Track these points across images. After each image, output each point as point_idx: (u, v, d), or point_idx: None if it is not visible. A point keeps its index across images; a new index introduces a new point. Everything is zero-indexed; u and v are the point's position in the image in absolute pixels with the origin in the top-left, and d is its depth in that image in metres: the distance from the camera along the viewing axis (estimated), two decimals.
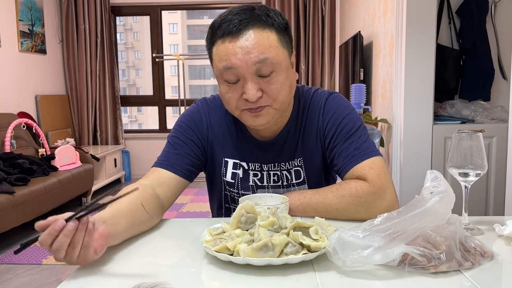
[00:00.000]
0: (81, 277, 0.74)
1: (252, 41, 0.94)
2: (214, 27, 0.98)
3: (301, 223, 0.79)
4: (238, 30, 0.94)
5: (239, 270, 0.73)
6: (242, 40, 0.94)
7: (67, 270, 2.57)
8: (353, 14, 4.24)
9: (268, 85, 0.97)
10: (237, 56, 0.94)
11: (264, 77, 0.96)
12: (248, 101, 0.97)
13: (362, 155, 1.04)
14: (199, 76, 12.40)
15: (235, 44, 0.94)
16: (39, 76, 4.66)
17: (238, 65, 0.94)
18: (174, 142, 1.12)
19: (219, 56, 0.97)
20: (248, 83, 0.96)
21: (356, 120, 1.09)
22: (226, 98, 1.01)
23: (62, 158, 3.85)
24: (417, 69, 2.65)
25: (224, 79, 0.98)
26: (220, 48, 0.97)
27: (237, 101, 0.99)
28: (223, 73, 0.97)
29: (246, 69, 0.95)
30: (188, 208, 4.01)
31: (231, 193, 1.16)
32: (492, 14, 2.87)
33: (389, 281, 0.69)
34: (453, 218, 0.75)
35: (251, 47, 0.94)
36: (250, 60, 0.94)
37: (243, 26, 0.95)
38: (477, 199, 2.67)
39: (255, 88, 0.96)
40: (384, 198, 0.99)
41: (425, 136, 2.68)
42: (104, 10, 5.02)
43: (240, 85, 0.97)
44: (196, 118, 1.14)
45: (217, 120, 1.14)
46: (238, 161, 1.13)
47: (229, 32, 0.95)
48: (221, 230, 0.83)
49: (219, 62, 0.97)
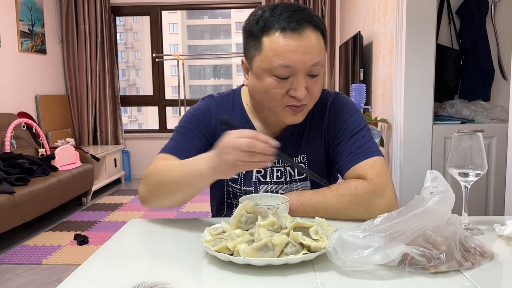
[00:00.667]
0: (81, 277, 0.74)
1: (311, 42, 0.96)
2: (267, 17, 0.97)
3: (301, 223, 0.79)
4: (300, 28, 0.95)
5: (239, 270, 0.73)
6: (303, 40, 0.95)
7: (67, 270, 2.57)
8: (353, 14, 4.24)
9: (313, 86, 1.00)
10: (295, 54, 0.95)
11: (312, 78, 0.99)
12: (295, 98, 0.99)
13: (364, 154, 1.05)
14: (199, 76, 12.40)
15: (296, 42, 0.95)
16: (39, 76, 4.66)
17: (296, 65, 0.96)
18: (183, 131, 1.11)
19: (276, 50, 0.96)
20: (300, 81, 0.97)
21: (360, 121, 1.11)
22: (272, 94, 1.00)
23: (62, 158, 3.85)
24: (417, 69, 2.65)
25: (275, 73, 0.97)
26: (278, 41, 0.95)
27: (283, 97, 1.00)
28: (277, 69, 0.96)
29: (302, 68, 0.96)
30: (188, 208, 4.01)
31: (234, 189, 1.16)
32: (492, 14, 2.87)
33: (389, 281, 0.69)
34: (453, 218, 0.75)
35: (310, 48, 0.96)
36: (309, 61, 0.96)
37: (305, 25, 0.96)
38: (477, 199, 2.67)
39: (304, 87, 0.98)
40: (383, 197, 0.99)
41: (425, 136, 2.68)
42: (104, 10, 5.02)
43: (290, 82, 0.98)
44: (205, 111, 1.14)
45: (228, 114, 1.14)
46: None
47: (292, 28, 0.95)
48: (221, 230, 0.83)
49: (274, 57, 0.96)
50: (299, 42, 0.95)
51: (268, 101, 1.02)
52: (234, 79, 10.21)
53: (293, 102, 1.00)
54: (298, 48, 0.95)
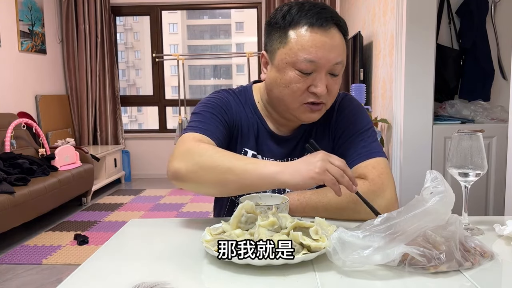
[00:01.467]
0: (81, 277, 0.74)
1: (337, 40, 0.98)
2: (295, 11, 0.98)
3: (301, 223, 0.79)
4: (327, 26, 0.97)
5: (239, 270, 0.73)
6: (329, 37, 0.97)
7: (67, 270, 2.57)
8: (353, 14, 4.24)
9: (333, 85, 1.01)
10: (322, 50, 0.96)
11: (333, 77, 1.00)
12: (315, 95, 0.99)
13: (368, 154, 1.05)
14: (199, 76, 12.39)
15: (323, 38, 0.96)
16: (39, 76, 4.66)
17: (321, 61, 0.97)
18: (209, 116, 1.06)
19: (302, 44, 0.97)
20: (322, 78, 0.98)
21: (367, 121, 1.12)
22: (293, 88, 1.00)
23: (62, 158, 3.85)
24: (417, 69, 2.65)
25: (298, 68, 0.98)
26: (305, 35, 0.97)
27: (303, 92, 1.00)
28: (301, 62, 0.97)
29: (326, 65, 0.97)
30: (188, 208, 4.01)
31: None
32: (492, 14, 2.87)
33: (389, 281, 0.69)
34: (453, 218, 0.75)
35: (335, 46, 0.97)
36: (333, 59, 0.97)
37: (332, 23, 0.98)
38: (477, 199, 2.67)
39: (325, 84, 0.99)
40: (383, 197, 0.99)
41: (425, 136, 2.68)
42: (104, 10, 5.02)
43: (311, 78, 0.99)
44: (225, 103, 1.12)
45: (242, 111, 1.14)
46: (255, 153, 1.14)
47: (319, 24, 0.96)
48: (221, 230, 0.83)
49: (299, 50, 0.97)
50: (326, 39, 0.96)
51: (287, 96, 1.02)
52: (234, 79, 10.21)
53: (311, 99, 1.00)
54: (324, 44, 0.96)
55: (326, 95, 1.01)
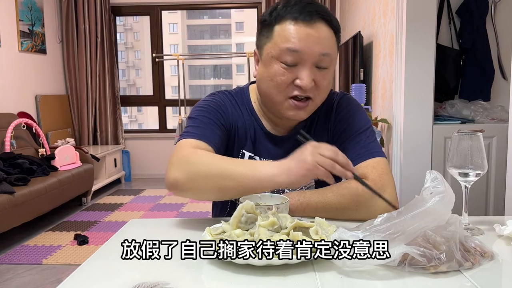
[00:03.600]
0: (81, 277, 0.74)
1: (323, 33, 0.98)
2: (282, 8, 0.99)
3: (301, 223, 0.79)
4: (312, 19, 0.97)
5: (239, 270, 0.72)
6: (314, 30, 0.97)
7: (67, 270, 2.57)
8: (353, 14, 4.24)
9: (321, 79, 1.00)
10: (305, 41, 0.96)
11: (320, 70, 0.99)
12: (300, 88, 0.99)
13: (367, 154, 1.05)
14: (199, 76, 12.39)
15: (307, 30, 0.97)
16: (39, 76, 4.66)
17: (304, 51, 0.96)
18: (205, 120, 1.06)
19: (285, 36, 0.98)
20: (307, 70, 0.98)
21: (366, 121, 1.12)
22: (278, 81, 1.00)
23: (62, 158, 3.85)
24: (417, 69, 2.65)
25: (282, 60, 0.98)
26: (289, 28, 0.98)
27: (288, 85, 1.00)
28: (284, 53, 0.98)
29: (309, 56, 0.97)
30: (188, 208, 4.01)
31: None
32: (492, 14, 2.87)
33: (389, 281, 0.69)
34: (453, 218, 0.75)
35: (321, 38, 0.97)
36: (318, 50, 0.97)
37: (317, 17, 0.98)
38: (477, 199, 2.66)
39: (310, 77, 0.98)
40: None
41: (425, 136, 2.68)
42: (104, 10, 5.02)
43: (296, 71, 0.98)
44: (221, 105, 1.11)
45: (238, 112, 1.14)
46: (253, 155, 1.14)
47: (303, 18, 0.97)
48: (221, 230, 0.83)
49: (283, 42, 0.98)
50: (310, 30, 0.97)
51: (272, 89, 1.02)
52: (234, 79, 10.20)
53: (296, 92, 1.00)
54: (308, 36, 0.97)
55: (314, 89, 1.00)
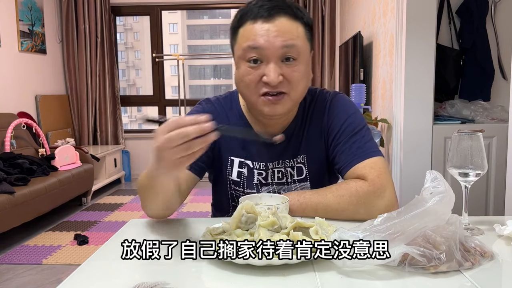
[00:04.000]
0: (81, 277, 0.74)
1: (284, 26, 0.97)
2: (244, 10, 1.00)
3: (301, 223, 0.79)
4: (270, 15, 0.97)
5: (239, 270, 0.72)
6: (273, 24, 0.97)
7: (67, 270, 2.57)
8: (353, 14, 4.24)
9: (290, 72, 0.99)
10: (264, 37, 0.96)
11: (287, 64, 0.98)
12: (269, 85, 0.98)
13: (364, 154, 1.04)
14: (199, 76, 12.38)
15: (265, 26, 0.96)
16: (39, 76, 4.66)
17: (264, 46, 0.96)
18: None
19: (245, 36, 0.98)
20: (271, 65, 0.97)
21: (360, 121, 1.10)
22: (246, 81, 1.00)
23: (62, 158, 3.85)
24: (417, 69, 2.65)
25: (247, 58, 0.98)
26: (248, 28, 0.98)
27: (257, 84, 0.99)
28: (246, 52, 0.98)
29: (272, 51, 0.96)
30: (188, 208, 4.01)
31: (237, 191, 1.16)
32: (492, 14, 2.87)
33: (389, 281, 0.69)
34: (453, 218, 0.75)
35: (281, 31, 0.97)
36: (278, 43, 0.96)
37: (276, 12, 0.97)
38: (477, 199, 2.66)
39: (277, 72, 0.97)
40: (383, 198, 0.99)
41: (425, 136, 2.68)
42: (104, 10, 5.02)
43: (262, 68, 0.98)
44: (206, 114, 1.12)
45: (223, 119, 1.13)
46: (243, 160, 1.13)
47: (261, 15, 0.97)
48: (221, 230, 0.83)
49: (244, 42, 0.98)
50: (269, 25, 0.96)
51: (245, 90, 1.02)
52: (234, 79, 10.23)
53: (266, 89, 0.99)
54: (267, 31, 0.96)
55: (286, 84, 0.99)
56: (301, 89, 1.02)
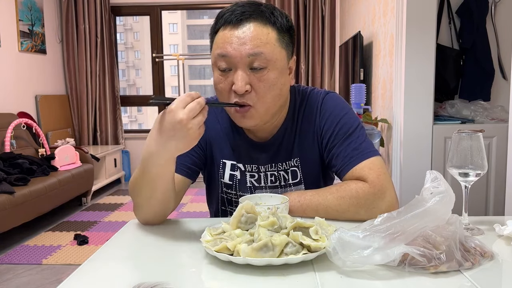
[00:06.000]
0: (81, 277, 0.74)
1: (250, 33, 0.95)
2: (218, 17, 1.00)
3: (301, 223, 0.79)
4: (238, 21, 0.96)
5: (239, 270, 0.72)
6: (241, 31, 0.95)
7: (67, 270, 2.57)
8: (353, 14, 4.24)
9: (258, 81, 0.96)
10: (232, 45, 0.95)
11: (256, 72, 0.96)
12: (236, 93, 0.96)
13: (361, 155, 1.03)
14: (199, 76, 12.39)
15: (233, 33, 0.96)
16: (39, 76, 4.66)
17: (231, 54, 0.95)
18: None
19: (217, 43, 0.98)
20: (238, 73, 0.96)
21: (354, 120, 1.08)
22: (219, 88, 1.00)
23: (62, 158, 3.85)
24: (417, 69, 2.65)
25: (218, 67, 0.98)
26: (220, 35, 0.98)
27: (228, 92, 0.98)
28: (217, 60, 0.98)
29: (239, 59, 0.95)
30: (188, 208, 4.01)
31: (228, 195, 1.15)
32: (492, 14, 2.87)
33: (389, 281, 0.69)
34: (453, 218, 0.75)
35: (248, 38, 0.95)
36: (245, 51, 0.94)
37: (245, 17, 0.96)
38: (477, 199, 2.67)
39: (244, 80, 0.95)
40: (384, 199, 0.98)
41: (425, 136, 2.68)
42: (104, 10, 5.02)
43: (231, 76, 0.97)
44: None
45: (214, 122, 1.13)
46: (235, 163, 1.12)
47: (229, 21, 0.96)
48: (221, 230, 0.83)
49: (215, 49, 0.98)
50: (237, 32, 0.95)
51: (220, 98, 1.02)
52: None
53: (236, 98, 0.97)
54: (233, 38, 0.95)
55: (253, 95, 0.97)
56: (270, 98, 0.98)
